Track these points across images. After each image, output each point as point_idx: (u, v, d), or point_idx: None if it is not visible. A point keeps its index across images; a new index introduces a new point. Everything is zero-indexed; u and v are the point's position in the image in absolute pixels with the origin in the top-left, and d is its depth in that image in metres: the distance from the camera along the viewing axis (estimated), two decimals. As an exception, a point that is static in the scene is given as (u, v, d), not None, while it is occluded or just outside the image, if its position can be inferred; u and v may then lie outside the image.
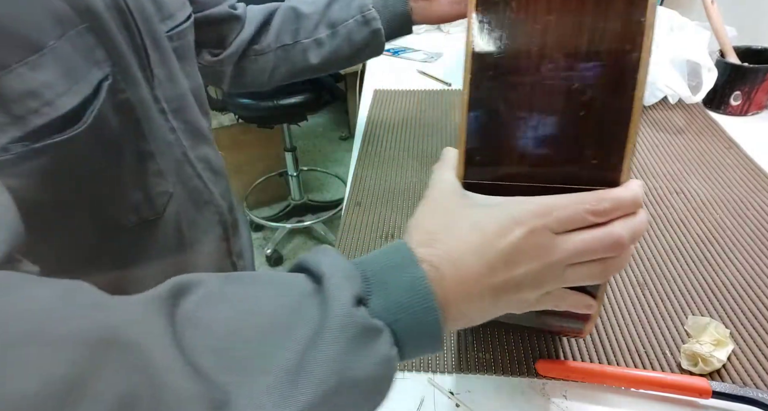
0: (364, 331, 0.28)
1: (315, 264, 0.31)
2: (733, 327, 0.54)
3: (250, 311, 0.28)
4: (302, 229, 2.22)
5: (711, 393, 0.46)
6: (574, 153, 0.33)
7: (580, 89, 0.31)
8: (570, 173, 0.33)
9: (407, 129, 0.95)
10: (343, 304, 0.28)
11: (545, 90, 0.32)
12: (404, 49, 1.37)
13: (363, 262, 0.32)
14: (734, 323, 0.55)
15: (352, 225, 0.72)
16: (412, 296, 0.30)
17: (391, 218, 0.73)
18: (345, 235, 0.71)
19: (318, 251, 0.32)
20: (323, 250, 0.32)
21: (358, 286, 0.30)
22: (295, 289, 0.30)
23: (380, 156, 0.88)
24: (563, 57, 0.31)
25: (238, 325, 0.27)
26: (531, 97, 0.32)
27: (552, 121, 0.32)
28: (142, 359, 0.23)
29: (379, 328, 0.29)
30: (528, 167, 0.34)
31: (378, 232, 0.71)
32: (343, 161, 2.64)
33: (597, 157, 0.32)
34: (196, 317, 0.26)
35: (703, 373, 0.50)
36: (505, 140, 0.33)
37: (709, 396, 0.46)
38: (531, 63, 0.32)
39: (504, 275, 0.32)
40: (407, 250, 0.31)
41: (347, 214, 0.75)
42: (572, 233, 0.32)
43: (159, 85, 0.50)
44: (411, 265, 0.31)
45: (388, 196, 0.78)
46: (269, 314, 0.28)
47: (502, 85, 0.32)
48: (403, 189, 0.79)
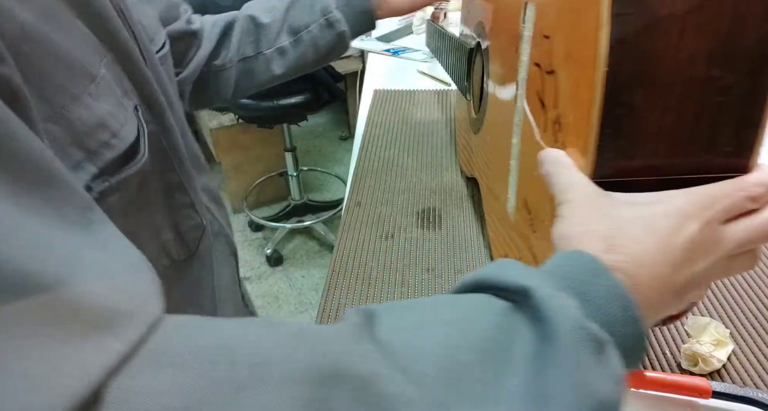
0: (598, 346, 0.25)
1: (502, 278, 0.28)
2: (733, 327, 0.54)
3: (455, 334, 0.25)
4: (302, 229, 2.22)
5: (711, 393, 0.46)
6: (708, 141, 0.32)
7: (720, 75, 0.31)
8: (702, 162, 0.32)
9: (407, 129, 0.95)
10: (574, 317, 0.25)
11: (684, 78, 0.31)
12: (404, 49, 1.37)
13: (550, 272, 0.29)
14: (734, 323, 0.55)
15: (352, 225, 0.72)
16: (616, 306, 0.27)
17: (391, 218, 0.73)
18: (345, 235, 0.71)
19: (495, 266, 0.29)
20: (500, 264, 0.29)
21: (572, 296, 0.27)
22: (489, 307, 0.27)
23: (380, 156, 0.88)
24: (704, 42, 0.30)
25: (452, 350, 0.24)
26: (669, 87, 0.31)
27: (689, 109, 0.31)
28: (371, 390, 0.21)
29: (609, 341, 0.26)
30: (661, 159, 0.33)
31: (378, 232, 0.71)
32: (343, 161, 2.64)
33: (731, 143, 0.32)
34: (403, 342, 0.24)
35: (703, 373, 0.50)
36: (641, 134, 0.32)
37: (709, 396, 0.46)
38: (670, 52, 0.30)
39: (686, 273, 0.31)
40: (592, 259, 0.28)
41: (347, 214, 0.75)
42: (735, 222, 0.31)
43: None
44: (604, 274, 0.28)
45: (388, 196, 0.78)
46: (478, 336, 0.25)
47: (639, 76, 0.31)
48: (403, 189, 0.79)
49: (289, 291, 1.96)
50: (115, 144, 0.34)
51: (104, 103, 0.34)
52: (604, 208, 0.32)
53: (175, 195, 0.46)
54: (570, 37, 0.35)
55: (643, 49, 0.30)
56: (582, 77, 0.33)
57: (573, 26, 0.35)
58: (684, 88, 0.31)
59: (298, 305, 1.90)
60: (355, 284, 0.62)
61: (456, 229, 0.71)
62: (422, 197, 0.77)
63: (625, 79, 0.31)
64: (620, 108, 0.31)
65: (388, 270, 0.64)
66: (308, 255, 2.13)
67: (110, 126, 0.34)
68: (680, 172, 0.33)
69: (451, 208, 0.75)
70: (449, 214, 0.74)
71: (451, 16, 1.38)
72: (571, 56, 0.35)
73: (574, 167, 0.34)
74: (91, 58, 0.34)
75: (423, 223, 0.72)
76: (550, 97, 0.39)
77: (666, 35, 0.30)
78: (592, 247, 0.30)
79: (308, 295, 1.94)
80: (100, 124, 0.33)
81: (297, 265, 2.08)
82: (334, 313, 0.59)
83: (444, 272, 0.64)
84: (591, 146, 0.32)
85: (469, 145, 0.75)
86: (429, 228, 0.71)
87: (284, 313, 1.87)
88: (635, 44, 0.30)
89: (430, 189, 0.79)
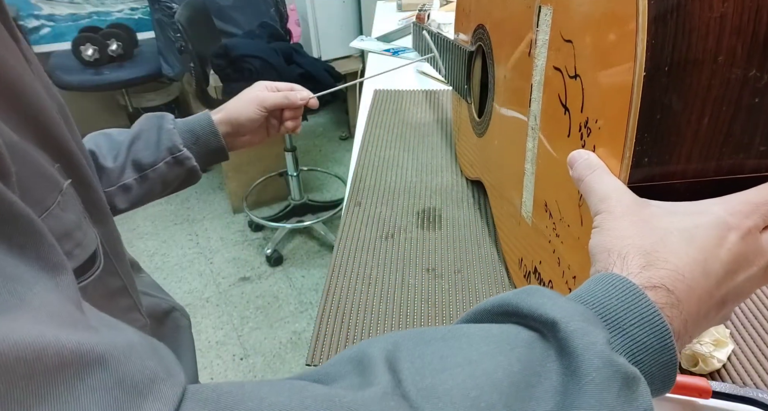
0: (627, 383, 0.24)
1: (529, 308, 0.27)
2: (733, 327, 0.54)
3: (480, 374, 0.25)
4: (302, 229, 2.21)
5: (711, 393, 0.46)
6: (742, 142, 0.32)
7: (757, 76, 0.31)
8: (736, 163, 0.32)
9: (407, 129, 0.95)
10: (601, 354, 0.24)
11: (722, 80, 0.31)
12: (404, 49, 1.37)
13: (581, 298, 0.28)
14: (734, 323, 0.55)
15: (352, 225, 0.72)
16: (650, 333, 0.26)
17: (391, 218, 0.73)
18: (345, 235, 0.71)
19: (523, 293, 0.28)
20: (528, 291, 0.28)
21: (603, 328, 0.26)
22: (515, 339, 0.27)
23: (380, 156, 0.88)
24: (741, 44, 0.30)
25: (476, 392, 0.24)
26: (707, 90, 0.31)
27: (727, 111, 0.31)
28: None
29: (638, 376, 0.25)
30: (695, 163, 0.32)
31: (378, 232, 0.71)
32: (343, 161, 2.64)
33: (766, 143, 0.32)
34: (427, 388, 0.24)
35: (703, 373, 0.50)
36: (677, 138, 0.32)
37: (709, 396, 0.46)
38: (708, 55, 0.30)
39: (728, 286, 0.30)
40: (628, 285, 0.28)
41: (347, 214, 0.75)
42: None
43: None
44: (640, 301, 0.27)
45: (388, 196, 0.78)
46: (503, 373, 0.25)
47: (677, 80, 0.31)
48: (403, 189, 0.79)
49: (289, 291, 1.96)
50: (77, 254, 0.35)
51: (70, 213, 0.34)
52: (645, 219, 0.31)
53: (118, 299, 0.45)
54: (600, 42, 0.35)
55: (682, 52, 0.30)
56: (616, 82, 0.32)
57: (604, 30, 0.34)
58: (721, 90, 0.31)
59: (298, 305, 1.90)
60: (355, 284, 0.62)
61: (456, 229, 0.71)
62: (422, 197, 0.77)
63: (663, 83, 0.31)
64: (658, 113, 0.31)
65: (388, 270, 0.64)
66: (308, 255, 2.13)
67: (74, 236, 0.34)
68: (713, 174, 0.33)
69: (451, 208, 0.75)
70: (449, 214, 0.74)
71: (434, 15, 1.38)
72: (601, 60, 0.35)
73: (607, 172, 0.34)
74: (53, 168, 0.35)
75: (423, 223, 0.72)
76: (575, 102, 0.39)
77: (704, 38, 0.30)
78: (633, 262, 0.29)
79: (308, 295, 1.94)
80: (66, 234, 0.33)
81: (297, 265, 2.08)
82: (334, 313, 0.59)
83: (444, 272, 0.64)
84: (628, 151, 0.32)
85: (473, 148, 0.75)
86: (429, 228, 0.71)
87: (284, 313, 1.87)
88: (673, 48, 0.30)
89: (430, 189, 0.79)
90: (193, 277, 2.02)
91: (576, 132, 0.39)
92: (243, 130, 0.70)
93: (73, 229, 0.34)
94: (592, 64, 0.36)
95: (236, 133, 0.70)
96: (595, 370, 0.24)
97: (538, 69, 0.46)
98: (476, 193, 0.78)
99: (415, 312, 0.59)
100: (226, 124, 0.69)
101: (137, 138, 0.65)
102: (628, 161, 0.32)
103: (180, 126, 0.67)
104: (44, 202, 0.32)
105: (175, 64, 2.36)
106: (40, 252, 0.24)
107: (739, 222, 0.30)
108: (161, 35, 2.34)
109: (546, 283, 0.48)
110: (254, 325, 1.83)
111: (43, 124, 0.35)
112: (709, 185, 0.32)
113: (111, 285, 0.44)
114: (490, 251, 0.67)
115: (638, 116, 0.31)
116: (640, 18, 0.30)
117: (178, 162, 0.65)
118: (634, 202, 0.32)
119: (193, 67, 1.84)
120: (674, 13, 0.30)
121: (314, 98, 0.73)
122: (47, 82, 0.40)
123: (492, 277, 0.63)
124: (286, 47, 1.95)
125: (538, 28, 0.45)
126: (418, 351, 0.26)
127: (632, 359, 0.26)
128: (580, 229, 0.39)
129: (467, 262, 0.65)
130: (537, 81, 0.46)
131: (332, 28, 2.44)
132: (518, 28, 0.50)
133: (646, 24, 0.30)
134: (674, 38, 0.30)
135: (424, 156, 0.87)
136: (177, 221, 2.34)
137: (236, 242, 2.20)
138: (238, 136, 0.71)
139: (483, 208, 0.74)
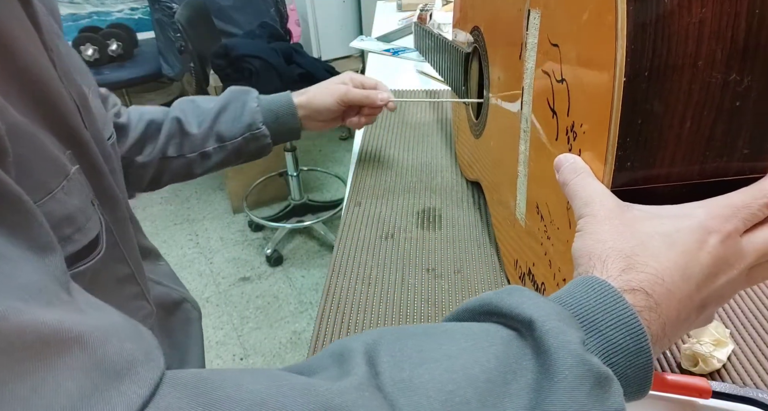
0: (599, 382, 0.25)
1: (509, 307, 0.27)
2: (733, 327, 0.54)
3: (457, 368, 0.25)
4: (302, 229, 2.22)
5: (711, 393, 0.46)
6: (727, 145, 0.32)
7: (738, 79, 0.31)
8: (719, 166, 0.32)
9: (407, 129, 0.95)
10: (574, 352, 0.25)
11: (702, 84, 0.31)
12: (404, 49, 1.37)
13: (560, 300, 0.29)
14: (734, 323, 0.55)
15: (352, 225, 0.72)
16: (626, 335, 0.27)
17: (391, 218, 0.73)
18: (345, 235, 0.71)
19: (504, 293, 0.29)
20: (509, 291, 0.29)
21: (578, 328, 0.27)
22: (493, 337, 0.27)
23: (380, 156, 0.88)
24: (720, 48, 0.30)
25: (452, 386, 0.25)
26: (688, 94, 0.31)
27: (708, 115, 0.31)
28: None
29: (611, 376, 0.26)
30: (679, 166, 0.32)
31: (378, 232, 0.71)
32: (343, 161, 2.64)
33: (749, 146, 0.32)
34: (403, 381, 0.25)
35: (703, 373, 0.50)
36: (660, 142, 0.32)
37: (709, 396, 0.46)
38: (687, 60, 0.31)
39: (708, 289, 0.30)
40: (606, 287, 0.28)
41: (347, 214, 0.75)
42: (754, 233, 0.31)
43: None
44: (616, 300, 0.27)
45: (388, 196, 0.78)
46: (479, 369, 0.25)
47: (658, 85, 0.31)
48: (403, 189, 0.79)
49: (289, 291, 1.96)
50: (77, 239, 0.35)
51: (75, 198, 0.35)
52: (626, 223, 0.31)
53: (126, 286, 0.46)
54: (583, 46, 0.35)
55: (661, 57, 0.30)
56: (599, 86, 0.33)
57: (586, 35, 0.35)
58: (702, 94, 0.31)
59: (298, 305, 1.90)
60: (355, 284, 0.62)
61: (456, 229, 0.71)
62: (422, 197, 0.77)
63: (643, 88, 0.31)
64: (640, 117, 0.31)
65: (388, 270, 0.64)
66: (308, 255, 2.13)
67: (77, 221, 0.35)
68: (698, 177, 0.33)
69: (451, 208, 0.75)
70: (449, 214, 0.74)
71: (436, 15, 1.38)
72: (584, 65, 0.35)
73: (592, 175, 0.34)
74: (62, 154, 0.36)
75: (423, 223, 0.72)
76: (561, 106, 0.39)
77: (684, 43, 0.30)
78: (613, 265, 0.29)
79: (308, 295, 1.94)
80: (67, 218, 0.34)
81: (297, 265, 2.08)
82: (334, 313, 0.59)
83: (444, 272, 0.64)
84: (610, 156, 0.32)
85: (471, 149, 0.75)
86: (429, 228, 0.71)
87: (284, 313, 1.87)
88: (653, 53, 0.30)
89: (430, 189, 0.79)
90: (193, 277, 2.02)
91: (563, 136, 0.39)
92: (319, 117, 0.75)
93: (76, 214, 0.35)
94: (576, 68, 0.36)
95: (312, 117, 0.75)
96: (568, 368, 0.24)
97: (528, 72, 0.46)
98: (476, 193, 0.78)
99: (415, 312, 0.59)
100: (305, 108, 0.74)
101: (223, 110, 0.71)
102: (611, 165, 0.32)
103: (263, 104, 0.72)
104: (48, 186, 0.32)
105: (175, 64, 2.36)
106: (31, 232, 0.24)
107: (719, 225, 0.30)
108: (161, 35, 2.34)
109: (539, 284, 0.48)
110: (254, 325, 1.83)
111: (56, 110, 0.36)
112: (694, 188, 0.33)
113: (118, 272, 0.45)
114: (490, 251, 0.67)
115: (620, 121, 0.31)
116: (619, 24, 0.30)
117: (255, 138, 0.72)
118: (617, 206, 0.32)
119: (193, 67, 1.84)
120: (653, 19, 0.30)
121: (393, 102, 0.76)
122: (67, 70, 0.41)
123: (492, 277, 0.63)
124: (286, 47, 1.95)
125: (528, 31, 0.45)
126: (398, 345, 0.27)
127: (607, 360, 0.27)
128: (569, 232, 0.39)
129: (467, 262, 0.65)
130: (527, 84, 0.46)
131: (332, 28, 2.44)
132: (510, 31, 0.51)
133: (625, 30, 0.30)
134: (654, 44, 0.30)
135: (424, 156, 0.87)
136: (177, 221, 2.34)
137: (236, 242, 2.20)
138: (313, 120, 0.76)
139: (483, 209, 0.74)
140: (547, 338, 0.25)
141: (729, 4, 0.30)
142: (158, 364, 0.24)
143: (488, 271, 0.64)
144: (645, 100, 0.31)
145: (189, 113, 0.71)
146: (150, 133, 0.70)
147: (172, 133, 0.70)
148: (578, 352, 0.25)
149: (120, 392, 0.21)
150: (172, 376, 0.23)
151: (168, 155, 0.70)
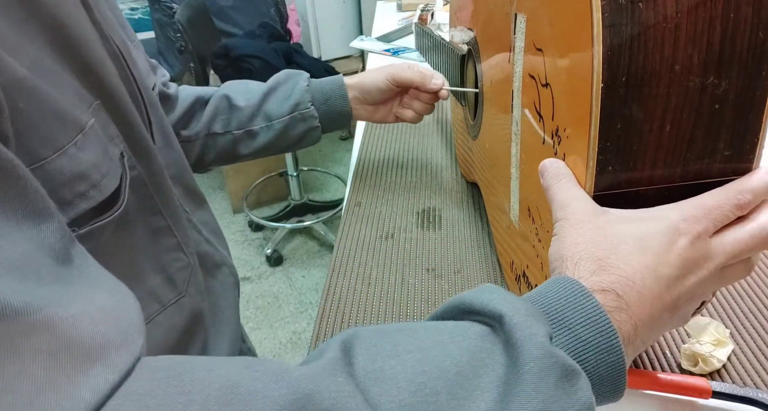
0: (565, 374, 0.25)
1: (481, 303, 0.28)
2: (733, 327, 0.54)
3: (429, 361, 0.26)
4: (302, 229, 2.22)
5: (711, 393, 0.46)
6: (708, 147, 0.32)
7: (715, 82, 0.31)
8: (701, 168, 0.33)
9: (407, 129, 0.95)
10: (540, 345, 0.25)
11: (680, 88, 0.31)
12: (404, 49, 1.37)
13: (531, 298, 0.29)
14: (734, 323, 0.55)
15: (352, 225, 0.72)
16: (596, 332, 0.27)
17: (391, 218, 0.73)
18: (345, 234, 0.71)
19: (478, 291, 0.30)
20: (483, 289, 0.30)
21: (546, 323, 0.27)
22: (467, 332, 0.28)
23: (380, 156, 0.88)
24: (697, 53, 0.31)
25: (423, 378, 0.25)
26: (666, 98, 0.31)
27: (688, 118, 0.32)
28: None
29: (578, 370, 0.26)
30: (661, 169, 0.33)
31: (378, 232, 0.71)
32: (343, 161, 2.64)
33: (730, 148, 0.32)
34: (375, 371, 0.25)
35: (703, 373, 0.50)
36: (640, 146, 0.32)
37: (709, 396, 0.46)
38: (664, 64, 0.31)
39: (678, 290, 0.31)
40: (576, 285, 0.29)
41: (347, 214, 0.75)
42: (723, 234, 0.31)
43: (161, 153, 0.48)
44: (586, 298, 0.28)
45: (388, 196, 0.78)
46: (451, 362, 0.26)
47: (636, 90, 0.31)
48: (403, 189, 0.79)
49: (289, 291, 1.96)
50: (92, 195, 0.34)
51: (90, 153, 0.34)
52: (600, 226, 0.32)
53: (161, 238, 0.45)
54: (563, 52, 0.35)
55: (638, 63, 0.31)
56: (579, 92, 0.33)
57: (565, 41, 0.35)
58: (680, 98, 0.31)
59: (298, 305, 1.90)
60: (355, 284, 0.62)
61: (456, 229, 0.71)
62: (422, 197, 0.77)
63: (621, 93, 0.31)
64: (619, 122, 0.32)
65: (388, 270, 0.64)
66: (308, 255, 2.13)
67: (91, 177, 0.34)
68: (681, 180, 0.33)
69: (451, 208, 0.75)
70: (449, 214, 0.74)
71: (438, 15, 1.38)
72: (565, 70, 0.35)
73: (573, 181, 0.34)
74: (80, 106, 0.35)
75: (423, 223, 0.72)
76: (547, 110, 0.39)
77: (660, 48, 0.31)
78: (585, 267, 0.30)
79: (308, 295, 1.94)
80: (80, 175, 0.33)
81: (297, 265, 2.08)
82: (334, 313, 0.59)
83: (444, 272, 0.64)
84: (591, 160, 0.33)
85: (468, 151, 0.75)
86: (429, 228, 0.71)
87: (284, 313, 1.87)
88: (630, 59, 0.31)
89: (430, 189, 0.79)
90: (193, 277, 2.02)
91: (549, 139, 0.39)
92: (370, 99, 0.74)
93: (89, 171, 0.34)
94: (558, 73, 0.37)
95: (363, 100, 0.74)
96: (533, 359, 0.25)
97: (516, 76, 0.46)
98: (476, 193, 0.78)
99: (415, 312, 0.59)
100: (355, 88, 0.73)
101: (273, 89, 0.71)
102: (592, 169, 0.33)
103: (313, 85, 0.71)
104: (57, 141, 0.31)
105: (175, 64, 2.36)
106: (24, 199, 0.24)
107: (689, 227, 0.31)
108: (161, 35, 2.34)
109: (533, 286, 0.48)
110: (254, 325, 1.83)
111: (85, 61, 0.36)
112: (676, 191, 0.33)
113: (152, 223, 0.44)
114: (490, 251, 0.67)
115: (599, 126, 0.32)
116: (595, 30, 0.30)
117: (303, 118, 0.71)
118: (592, 210, 0.33)
119: (193, 67, 1.85)
120: (629, 25, 0.30)
121: (445, 89, 0.73)
122: (107, 31, 0.41)
123: (491, 278, 0.63)
124: (286, 47, 1.95)
125: (515, 35, 0.45)
126: (374, 340, 0.27)
127: (577, 356, 0.27)
128: None
129: (467, 262, 0.65)
130: (516, 87, 0.46)
131: (332, 28, 2.44)
132: (500, 34, 0.51)
133: (600, 36, 0.30)
134: (630, 49, 0.31)
135: (424, 156, 0.87)
136: (177, 221, 2.34)
137: (236, 242, 2.20)
138: (365, 103, 0.74)
139: (483, 209, 0.74)
140: (515, 332, 0.26)
141: (704, 10, 0.30)
142: (134, 348, 0.24)
143: (488, 271, 0.64)
144: (624, 105, 0.31)
145: (239, 91, 0.71)
146: (197, 108, 0.70)
147: (220, 109, 0.70)
148: (544, 345, 0.25)
149: (89, 376, 0.21)
150: (146, 361, 0.23)
151: (213, 131, 0.70)
